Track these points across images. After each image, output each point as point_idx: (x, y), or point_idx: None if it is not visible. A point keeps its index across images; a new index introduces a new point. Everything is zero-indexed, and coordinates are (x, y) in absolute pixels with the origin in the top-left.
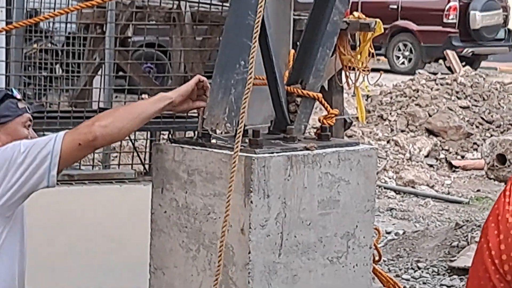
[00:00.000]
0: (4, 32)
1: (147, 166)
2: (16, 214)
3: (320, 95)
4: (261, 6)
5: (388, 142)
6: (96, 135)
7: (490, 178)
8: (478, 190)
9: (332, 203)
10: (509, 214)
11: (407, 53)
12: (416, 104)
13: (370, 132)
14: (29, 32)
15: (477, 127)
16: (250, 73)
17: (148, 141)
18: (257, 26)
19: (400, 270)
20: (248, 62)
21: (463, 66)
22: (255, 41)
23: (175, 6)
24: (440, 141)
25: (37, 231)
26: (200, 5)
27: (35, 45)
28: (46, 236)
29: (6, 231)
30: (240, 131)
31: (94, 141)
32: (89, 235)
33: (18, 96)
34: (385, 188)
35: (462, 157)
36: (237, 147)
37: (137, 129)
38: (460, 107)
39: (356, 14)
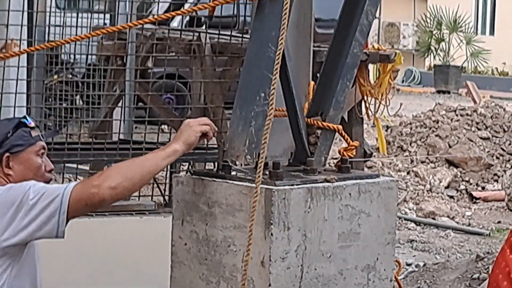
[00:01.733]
0: (25, 64)
1: (167, 198)
2: (28, 252)
3: (340, 127)
4: (282, 39)
5: (408, 173)
6: (104, 197)
7: (511, 210)
8: (499, 222)
9: (353, 235)
10: None
11: None
12: (436, 135)
13: (390, 163)
14: (49, 64)
15: (497, 158)
16: (271, 105)
17: (168, 172)
18: (278, 59)
19: None
20: (268, 94)
21: None
22: (276, 74)
23: (195, 38)
24: (460, 172)
25: (56, 263)
26: (220, 36)
27: (55, 77)
28: (66, 267)
29: (16, 269)
30: (261, 163)
31: (101, 202)
32: (109, 267)
33: (32, 124)
34: (405, 219)
35: (483, 188)
36: (258, 178)
37: None
38: (481, 138)
39: (375, 45)
